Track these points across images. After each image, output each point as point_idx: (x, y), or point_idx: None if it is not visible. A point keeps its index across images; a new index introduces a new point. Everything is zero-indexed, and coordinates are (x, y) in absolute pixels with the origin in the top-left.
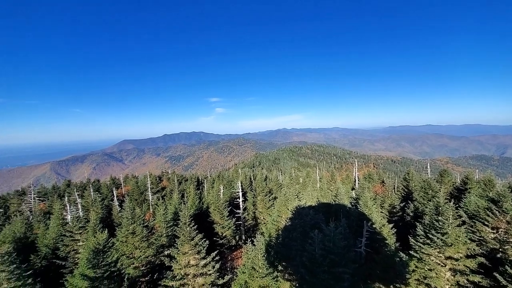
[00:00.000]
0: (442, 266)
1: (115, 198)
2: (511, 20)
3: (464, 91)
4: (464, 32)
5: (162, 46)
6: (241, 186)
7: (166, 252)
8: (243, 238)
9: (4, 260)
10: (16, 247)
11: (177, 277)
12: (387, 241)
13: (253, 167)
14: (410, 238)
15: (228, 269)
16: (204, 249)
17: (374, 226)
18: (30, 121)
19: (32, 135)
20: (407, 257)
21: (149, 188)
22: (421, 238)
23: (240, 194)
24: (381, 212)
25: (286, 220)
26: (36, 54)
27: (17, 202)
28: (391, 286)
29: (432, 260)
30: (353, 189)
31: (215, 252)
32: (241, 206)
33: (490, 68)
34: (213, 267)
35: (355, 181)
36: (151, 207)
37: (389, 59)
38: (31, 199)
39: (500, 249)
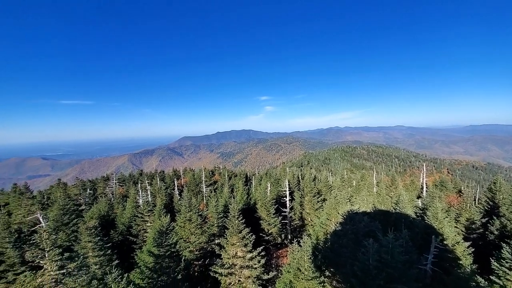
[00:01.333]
0: None
1: (175, 188)
2: None
3: None
4: None
5: (213, 47)
6: (289, 185)
7: (216, 241)
8: (289, 237)
9: (91, 233)
10: (100, 223)
11: (226, 265)
12: (460, 261)
13: (301, 166)
14: (493, 260)
15: (273, 266)
16: (251, 243)
17: (445, 242)
18: (113, 120)
19: (115, 131)
20: (486, 282)
21: (203, 181)
22: (507, 262)
23: (287, 193)
24: (455, 227)
25: (335, 224)
26: (116, 60)
27: (103, 186)
28: None
29: None
30: (419, 197)
31: (261, 248)
32: (287, 205)
33: None
34: (259, 261)
35: (422, 188)
36: (204, 198)
37: (472, 42)
38: (113, 184)
39: None
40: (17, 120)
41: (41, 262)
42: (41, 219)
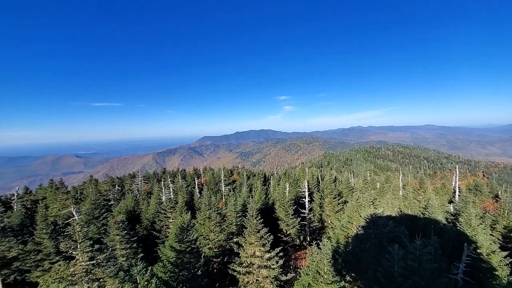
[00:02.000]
0: None
1: (196, 186)
2: None
3: None
4: None
5: (232, 49)
6: (308, 185)
7: (235, 240)
8: (308, 239)
9: (119, 227)
10: (127, 218)
11: (244, 264)
12: (496, 272)
13: (321, 167)
14: None
15: (291, 267)
16: (269, 243)
17: (478, 250)
18: (139, 120)
19: (141, 131)
20: None
21: (222, 180)
22: None
23: (306, 194)
24: (490, 234)
25: (357, 228)
26: (142, 63)
27: (129, 183)
28: None
29: None
30: (451, 202)
31: (279, 248)
32: (306, 206)
33: None
34: (277, 262)
35: (454, 192)
36: (223, 197)
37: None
38: (139, 182)
39: None
40: (54, 121)
41: (74, 252)
42: (74, 213)
